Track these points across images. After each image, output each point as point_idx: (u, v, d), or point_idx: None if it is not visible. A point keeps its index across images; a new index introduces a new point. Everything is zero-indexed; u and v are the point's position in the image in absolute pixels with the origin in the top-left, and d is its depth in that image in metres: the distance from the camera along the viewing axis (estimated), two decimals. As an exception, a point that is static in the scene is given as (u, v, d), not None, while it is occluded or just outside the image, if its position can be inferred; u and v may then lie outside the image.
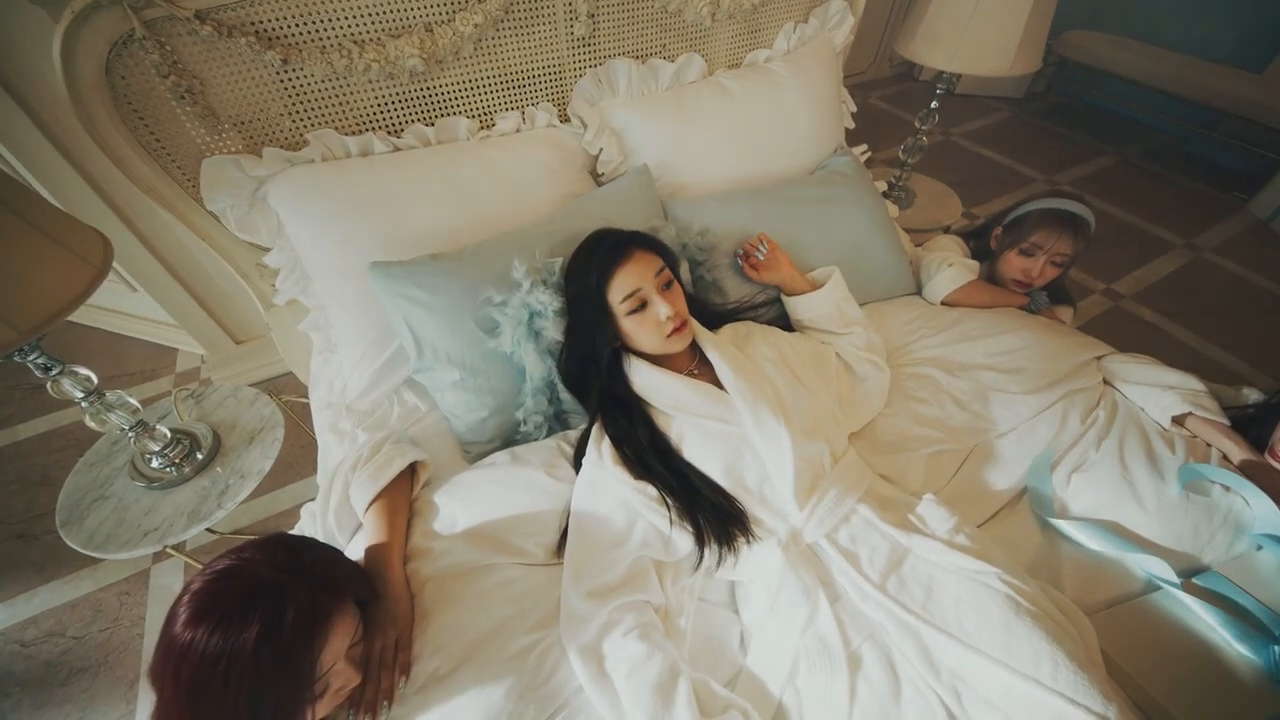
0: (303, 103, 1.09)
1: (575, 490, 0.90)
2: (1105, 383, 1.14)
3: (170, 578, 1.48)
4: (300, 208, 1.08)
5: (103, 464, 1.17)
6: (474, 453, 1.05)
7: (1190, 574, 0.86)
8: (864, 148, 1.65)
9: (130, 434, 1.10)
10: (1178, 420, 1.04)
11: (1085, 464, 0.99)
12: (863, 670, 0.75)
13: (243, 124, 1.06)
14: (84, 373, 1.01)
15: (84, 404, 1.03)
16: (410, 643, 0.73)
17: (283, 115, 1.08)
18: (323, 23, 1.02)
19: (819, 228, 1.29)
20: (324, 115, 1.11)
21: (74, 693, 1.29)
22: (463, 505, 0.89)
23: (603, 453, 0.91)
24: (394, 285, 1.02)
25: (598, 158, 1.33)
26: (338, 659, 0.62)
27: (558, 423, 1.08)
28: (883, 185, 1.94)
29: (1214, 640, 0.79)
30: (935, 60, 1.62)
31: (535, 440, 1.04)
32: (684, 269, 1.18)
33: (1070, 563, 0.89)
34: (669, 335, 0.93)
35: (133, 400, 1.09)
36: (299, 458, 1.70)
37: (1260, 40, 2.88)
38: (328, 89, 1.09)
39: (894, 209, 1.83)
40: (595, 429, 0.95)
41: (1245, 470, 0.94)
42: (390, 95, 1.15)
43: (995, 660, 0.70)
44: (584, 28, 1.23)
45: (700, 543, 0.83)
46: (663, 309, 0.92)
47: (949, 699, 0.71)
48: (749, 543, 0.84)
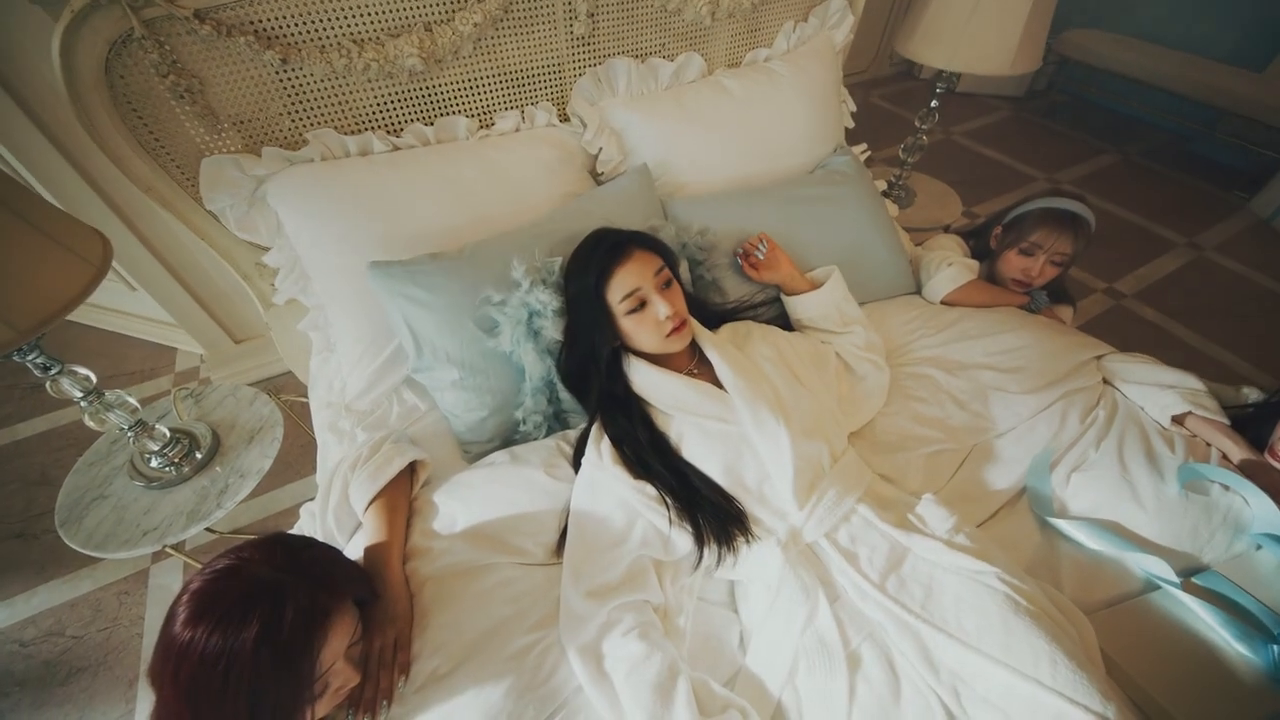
0: (302, 102, 1.09)
1: (575, 490, 0.90)
2: (1105, 382, 1.14)
3: (169, 577, 1.48)
4: (299, 207, 1.08)
5: (102, 463, 1.17)
6: (473, 452, 1.05)
7: (1189, 573, 0.86)
8: (864, 147, 1.65)
9: (129, 433, 1.10)
10: (1177, 419, 1.04)
11: (1085, 463, 0.99)
12: (862, 670, 0.75)
13: (242, 123, 1.06)
14: (83, 372, 1.01)
15: (83, 403, 1.03)
16: (409, 642, 0.73)
17: (282, 114, 1.08)
18: (322, 22, 1.02)
19: (818, 227, 1.29)
20: (323, 114, 1.11)
21: (73, 692, 1.29)
22: (462, 505, 0.89)
23: (602, 452, 0.91)
24: (393, 284, 1.02)
25: (597, 157, 1.33)
26: (337, 658, 0.62)
27: (557, 422, 1.08)
28: (882, 184, 1.94)
29: (1213, 640, 0.79)
30: (935, 59, 1.62)
31: (534, 440, 1.04)
32: (683, 268, 1.18)
33: (1069, 562, 0.89)
34: (668, 335, 0.93)
35: (132, 400, 1.09)
36: (298, 457, 1.70)
37: (1261, 39, 2.88)
38: (327, 88, 1.09)
39: (894, 208, 1.82)
40: (595, 428, 0.95)
41: (1245, 469, 0.94)
42: (389, 94, 1.15)
43: (994, 660, 0.70)
44: (583, 27, 1.23)
45: (700, 542, 0.83)
46: (662, 308, 0.92)
47: (948, 698, 0.71)
48: (748, 542, 0.84)
